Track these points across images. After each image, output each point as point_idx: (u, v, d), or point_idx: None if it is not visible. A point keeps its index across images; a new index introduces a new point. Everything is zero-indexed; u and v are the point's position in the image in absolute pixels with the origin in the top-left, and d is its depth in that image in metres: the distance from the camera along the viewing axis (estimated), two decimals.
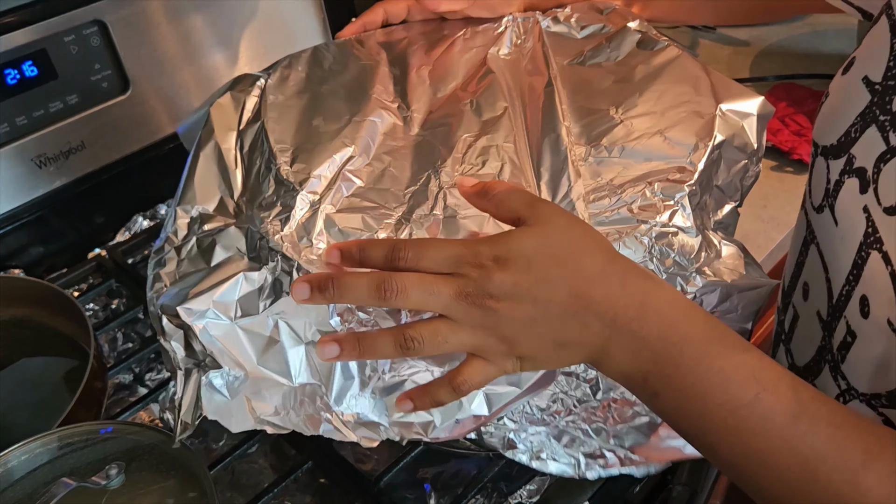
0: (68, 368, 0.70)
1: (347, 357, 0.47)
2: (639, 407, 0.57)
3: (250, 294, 0.52)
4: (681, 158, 0.58)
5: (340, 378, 0.51)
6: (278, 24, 0.98)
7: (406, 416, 0.52)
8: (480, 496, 0.63)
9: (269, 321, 0.52)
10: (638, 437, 0.57)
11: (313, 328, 0.51)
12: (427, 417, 0.52)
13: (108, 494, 0.54)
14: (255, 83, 0.67)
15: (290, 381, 0.52)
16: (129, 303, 0.82)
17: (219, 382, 0.52)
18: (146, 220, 0.91)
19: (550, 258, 0.45)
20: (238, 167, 0.61)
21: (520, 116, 0.64)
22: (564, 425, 0.57)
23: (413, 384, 0.52)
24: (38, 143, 0.83)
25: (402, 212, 0.55)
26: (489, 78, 0.68)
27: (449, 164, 0.59)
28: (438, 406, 0.49)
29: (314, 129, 0.62)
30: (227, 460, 0.65)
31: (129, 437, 0.57)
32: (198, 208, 0.59)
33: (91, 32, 0.83)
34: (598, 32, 0.74)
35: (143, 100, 0.89)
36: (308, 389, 0.52)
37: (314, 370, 0.52)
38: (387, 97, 0.66)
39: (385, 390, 0.52)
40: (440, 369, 0.52)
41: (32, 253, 0.87)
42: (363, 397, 0.52)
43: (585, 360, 0.47)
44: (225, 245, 0.56)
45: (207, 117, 0.64)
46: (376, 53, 0.73)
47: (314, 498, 0.64)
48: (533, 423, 0.57)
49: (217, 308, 0.52)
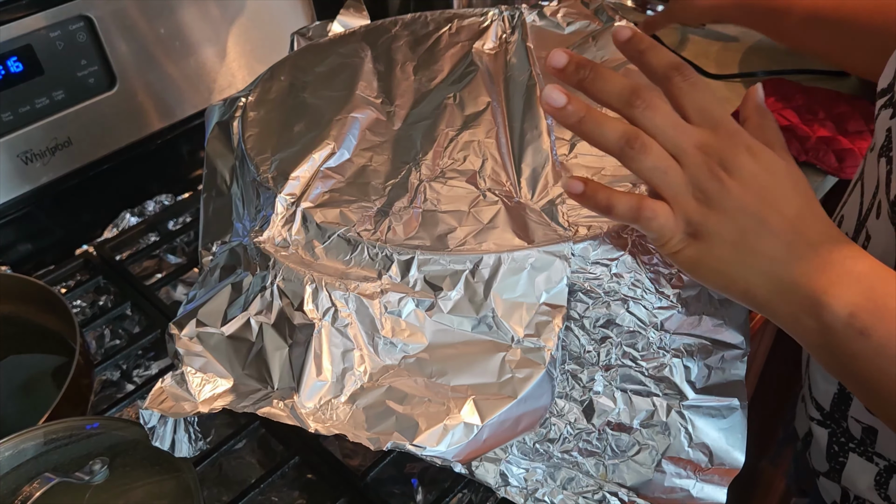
0: (55, 365, 0.70)
1: (585, 201, 0.47)
2: (638, 435, 0.55)
3: (236, 302, 0.53)
4: None
5: (313, 377, 0.50)
6: (266, 19, 0.98)
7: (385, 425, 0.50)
8: (467, 490, 0.63)
9: (253, 324, 0.52)
10: (640, 474, 0.55)
11: (294, 327, 0.51)
12: (409, 423, 0.49)
13: (92, 490, 0.54)
14: (236, 104, 0.67)
15: (269, 388, 0.52)
16: (116, 299, 0.81)
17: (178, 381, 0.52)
18: (134, 217, 0.91)
19: (793, 183, 0.46)
20: (240, 192, 0.62)
21: (502, 112, 0.64)
22: (560, 457, 0.55)
23: (392, 393, 0.50)
24: (24, 140, 0.82)
25: (381, 204, 0.55)
26: (473, 72, 0.68)
27: (430, 158, 0.59)
28: (604, 212, 0.47)
29: (295, 135, 0.62)
30: (214, 456, 0.65)
31: (114, 433, 0.57)
32: (217, 243, 0.62)
33: (77, 28, 0.82)
34: (584, 29, 0.74)
35: (130, 96, 0.89)
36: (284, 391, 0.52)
37: (291, 370, 0.51)
38: (370, 93, 0.66)
39: (364, 399, 0.50)
40: (423, 378, 0.51)
41: (19, 249, 0.87)
42: (339, 405, 0.50)
43: (762, 291, 0.47)
44: (226, 266, 0.57)
45: (206, 158, 0.66)
46: (361, 50, 0.73)
47: (301, 493, 0.64)
48: (526, 455, 0.55)
49: (205, 319, 0.52)
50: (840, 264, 0.45)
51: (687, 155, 0.45)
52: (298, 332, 0.50)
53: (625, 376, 0.54)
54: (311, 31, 0.77)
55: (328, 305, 0.50)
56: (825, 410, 0.68)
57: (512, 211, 0.54)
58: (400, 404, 0.49)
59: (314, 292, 0.51)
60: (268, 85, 0.69)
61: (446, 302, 0.51)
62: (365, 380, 0.50)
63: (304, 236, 0.54)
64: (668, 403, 0.54)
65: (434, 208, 0.55)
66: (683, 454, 0.54)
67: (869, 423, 0.64)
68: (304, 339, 0.50)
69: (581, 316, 0.53)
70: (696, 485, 0.54)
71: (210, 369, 0.51)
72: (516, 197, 0.56)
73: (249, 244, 0.54)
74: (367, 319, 0.51)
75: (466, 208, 0.55)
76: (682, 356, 0.54)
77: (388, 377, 0.50)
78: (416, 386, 0.50)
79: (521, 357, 0.50)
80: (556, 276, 0.51)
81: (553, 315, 0.51)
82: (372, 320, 0.51)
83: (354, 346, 0.50)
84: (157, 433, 0.51)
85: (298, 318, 0.50)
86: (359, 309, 0.51)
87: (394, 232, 0.53)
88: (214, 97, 0.96)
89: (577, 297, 0.52)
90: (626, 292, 0.52)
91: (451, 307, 0.51)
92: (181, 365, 0.51)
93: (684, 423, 0.54)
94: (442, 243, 0.52)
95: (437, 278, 0.51)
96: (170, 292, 0.82)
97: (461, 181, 0.58)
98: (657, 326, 0.53)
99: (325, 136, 0.61)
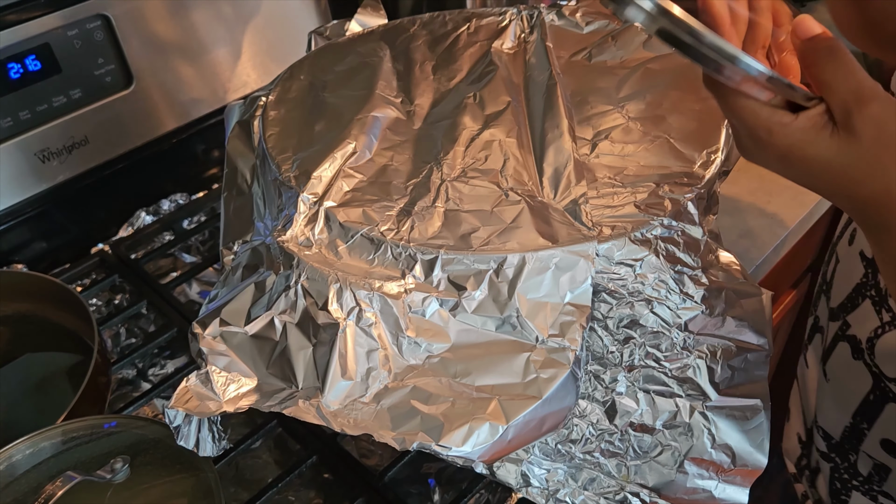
0: (72, 363, 0.70)
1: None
2: (660, 436, 0.54)
3: (259, 302, 0.53)
4: (687, 164, 0.58)
5: (338, 377, 0.50)
6: (281, 19, 0.98)
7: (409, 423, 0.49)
8: (485, 491, 0.63)
9: (277, 324, 0.52)
10: (663, 474, 0.54)
11: (319, 326, 0.51)
12: (435, 423, 0.49)
13: (114, 488, 0.54)
14: (256, 103, 0.67)
15: (294, 388, 0.51)
16: (131, 298, 0.81)
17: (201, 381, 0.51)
18: (149, 216, 0.91)
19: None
20: (260, 191, 0.62)
21: (522, 111, 0.63)
22: (581, 458, 0.54)
23: (417, 393, 0.50)
24: (41, 138, 0.82)
25: (403, 203, 0.55)
26: (492, 72, 0.68)
27: (451, 157, 0.59)
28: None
29: (316, 135, 0.62)
30: (232, 455, 0.65)
31: (133, 431, 0.57)
32: (238, 242, 0.62)
33: (95, 27, 0.82)
34: (603, 28, 0.74)
35: (147, 95, 0.89)
36: (308, 390, 0.51)
37: (316, 370, 0.51)
38: (390, 92, 0.66)
39: (388, 399, 0.50)
40: (447, 378, 0.51)
41: (35, 248, 0.87)
42: (363, 405, 0.50)
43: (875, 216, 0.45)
44: (248, 265, 0.57)
45: (227, 156, 0.66)
46: (380, 50, 0.73)
47: (318, 493, 0.64)
48: (548, 455, 0.54)
49: (228, 318, 0.52)
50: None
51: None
52: (323, 332, 0.50)
53: (648, 377, 0.54)
54: (328, 30, 0.77)
55: (353, 305, 0.50)
56: (833, 441, 0.67)
57: (535, 211, 0.54)
58: (425, 404, 0.49)
59: (338, 292, 0.50)
60: (288, 84, 0.69)
61: (470, 302, 0.51)
62: (389, 380, 0.50)
63: (327, 236, 0.54)
64: (691, 404, 0.54)
65: (457, 208, 0.55)
66: (706, 455, 0.54)
67: (882, 460, 0.62)
68: (328, 338, 0.50)
69: (605, 316, 0.52)
70: (719, 486, 0.54)
71: (234, 368, 0.51)
72: (539, 196, 0.56)
73: (273, 243, 0.54)
74: (391, 319, 0.50)
75: (489, 208, 0.55)
76: (705, 357, 0.54)
77: (413, 377, 0.50)
78: (441, 386, 0.50)
79: (545, 357, 0.50)
80: (580, 276, 0.51)
81: (577, 315, 0.50)
82: (396, 320, 0.50)
83: (379, 346, 0.50)
84: (182, 432, 0.51)
85: (323, 318, 0.50)
86: (383, 309, 0.50)
87: (417, 231, 0.53)
88: (230, 97, 0.96)
89: (601, 298, 0.52)
90: (650, 293, 0.52)
91: (476, 307, 0.51)
92: (205, 364, 0.51)
93: (707, 425, 0.54)
94: (465, 243, 0.52)
95: (461, 278, 0.51)
96: (185, 291, 0.82)
97: (483, 180, 0.57)
98: (681, 327, 0.53)
99: (346, 136, 0.61)
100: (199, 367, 0.51)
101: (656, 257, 0.52)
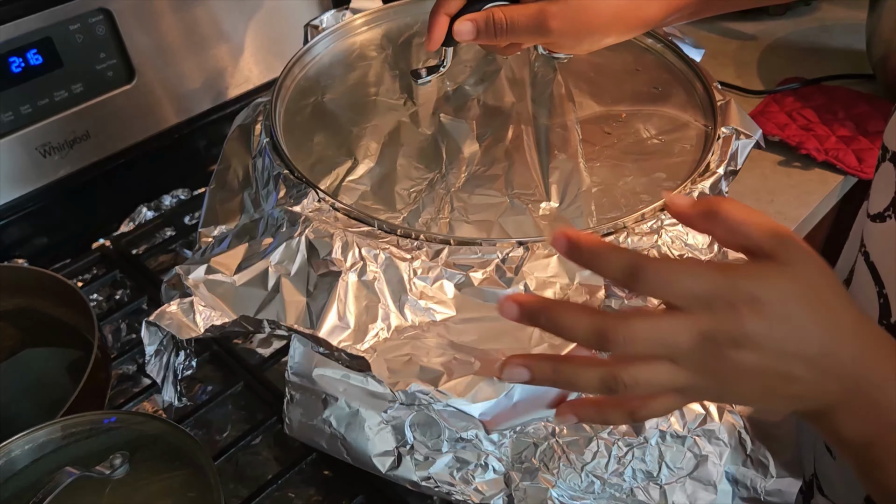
0: (72, 359, 0.70)
1: (539, 382, 0.42)
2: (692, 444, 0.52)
3: (252, 256, 0.51)
4: (692, 171, 0.58)
5: (334, 318, 0.48)
6: (283, 14, 0.97)
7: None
8: None
9: (272, 275, 0.50)
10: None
11: (315, 277, 0.49)
12: (436, 371, 0.46)
13: (112, 484, 0.53)
14: (259, 107, 0.66)
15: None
16: (132, 294, 0.81)
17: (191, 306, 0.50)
18: (150, 211, 0.91)
19: (808, 308, 0.39)
20: (256, 186, 0.62)
21: (527, 114, 0.63)
22: (611, 484, 0.51)
23: (417, 346, 0.48)
24: (42, 133, 0.82)
25: (407, 213, 0.55)
26: (496, 72, 0.67)
27: (455, 165, 0.58)
28: (605, 424, 0.45)
29: (316, 145, 0.61)
30: (231, 451, 0.65)
31: (133, 427, 0.57)
32: (220, 228, 0.60)
33: (97, 21, 0.82)
34: None
35: (149, 90, 0.89)
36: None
37: (310, 314, 0.49)
38: (392, 95, 0.66)
39: (386, 350, 0.48)
40: (450, 338, 0.49)
41: (36, 243, 0.87)
42: (358, 351, 0.47)
43: (800, 414, 0.44)
44: (239, 236, 0.56)
45: (222, 155, 0.65)
46: (381, 50, 0.72)
47: (318, 490, 0.64)
48: (574, 489, 0.51)
49: (217, 265, 0.50)
50: (865, 395, 0.41)
51: (682, 357, 0.39)
52: (321, 282, 0.48)
53: None
54: (323, 21, 0.76)
55: (357, 259, 0.49)
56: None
57: (539, 221, 0.54)
58: (425, 356, 0.47)
59: (344, 246, 0.49)
60: (288, 86, 0.68)
61: (477, 276, 0.50)
62: (387, 334, 0.48)
63: (333, 216, 0.53)
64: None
65: (462, 218, 0.54)
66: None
67: None
68: (326, 287, 0.48)
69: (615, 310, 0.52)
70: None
71: (218, 309, 0.49)
72: (544, 202, 0.56)
73: (274, 211, 0.53)
74: (395, 279, 0.49)
75: (494, 218, 0.54)
76: None
77: (412, 335, 0.48)
78: (443, 343, 0.48)
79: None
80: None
81: (591, 293, 0.49)
82: (400, 280, 0.49)
83: (380, 302, 0.48)
84: (153, 362, 0.50)
85: (322, 268, 0.49)
86: (388, 268, 0.49)
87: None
88: (231, 92, 0.96)
89: (611, 292, 0.51)
90: None
91: (482, 281, 0.49)
92: (191, 294, 0.49)
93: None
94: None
95: (469, 263, 0.50)
96: None
97: (489, 188, 0.57)
98: None
99: (347, 146, 0.60)
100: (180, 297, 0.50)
101: (658, 252, 0.52)
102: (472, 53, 0.71)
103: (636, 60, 0.69)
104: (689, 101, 0.64)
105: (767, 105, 0.97)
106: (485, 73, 0.68)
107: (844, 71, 1.02)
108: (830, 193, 0.87)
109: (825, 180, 0.89)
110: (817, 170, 0.90)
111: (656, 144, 0.59)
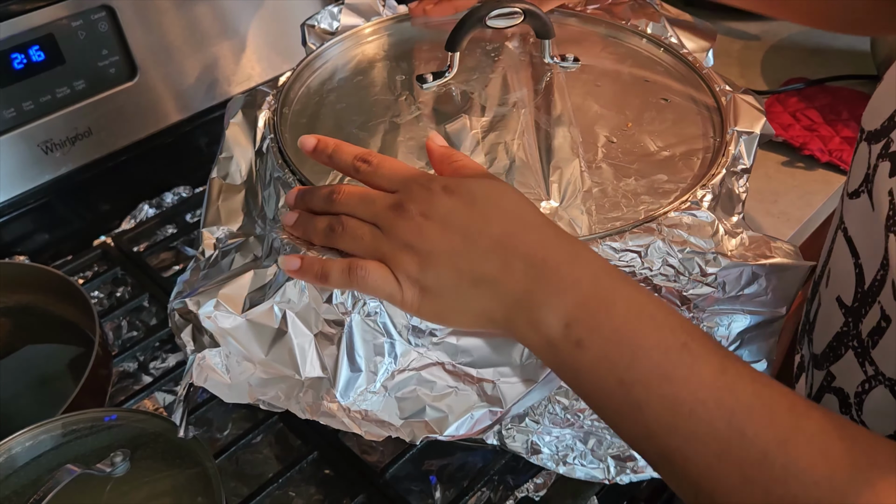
0: (73, 356, 0.70)
1: (303, 275, 0.48)
2: None
3: (260, 289, 0.52)
4: (694, 173, 0.58)
5: (347, 370, 0.50)
6: (286, 12, 0.97)
7: (416, 415, 0.51)
8: (486, 489, 0.62)
9: (277, 312, 0.51)
10: None
11: (321, 319, 0.51)
12: (440, 414, 0.50)
13: (113, 482, 0.53)
14: (264, 99, 0.65)
15: (297, 374, 0.51)
16: (133, 291, 0.81)
17: (216, 361, 0.51)
18: (152, 208, 0.91)
19: (495, 203, 0.46)
20: (258, 185, 0.61)
21: (529, 111, 0.63)
22: (589, 425, 0.55)
23: (422, 381, 0.51)
24: (44, 129, 0.82)
25: None
26: (499, 71, 0.67)
27: None
28: (322, 282, 0.48)
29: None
30: (232, 450, 0.64)
31: (134, 424, 0.57)
32: (223, 229, 0.61)
33: (99, 17, 0.82)
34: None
35: (151, 87, 0.88)
36: (314, 381, 0.51)
37: (322, 362, 0.51)
38: (394, 94, 0.66)
39: (396, 387, 0.51)
40: (450, 361, 0.51)
41: (37, 239, 0.87)
42: (372, 394, 0.51)
43: (498, 314, 0.45)
44: (243, 253, 0.57)
45: (224, 141, 0.65)
46: (382, 48, 0.72)
47: (319, 489, 0.64)
48: (557, 424, 0.55)
49: (225, 301, 0.51)
50: (554, 272, 0.44)
51: (381, 218, 0.47)
52: (326, 326, 0.50)
53: None
54: (319, 18, 0.75)
55: (357, 297, 0.50)
56: None
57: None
58: (430, 392, 0.50)
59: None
60: (293, 84, 0.67)
61: None
62: (395, 367, 0.51)
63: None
64: None
65: None
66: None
67: None
68: (334, 333, 0.50)
69: None
70: None
71: (235, 351, 0.51)
72: (544, 200, 0.55)
73: (277, 238, 0.53)
74: (394, 308, 0.50)
75: None
76: (715, 328, 0.55)
77: (417, 362, 0.51)
78: (444, 375, 0.51)
79: None
80: None
81: None
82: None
83: (385, 336, 0.50)
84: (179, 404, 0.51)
85: (325, 311, 0.50)
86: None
87: None
88: (233, 89, 0.95)
89: None
90: (659, 280, 0.52)
91: None
92: (216, 345, 0.51)
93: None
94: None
95: None
96: None
97: None
98: (689, 307, 0.53)
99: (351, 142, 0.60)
100: (202, 347, 0.51)
101: (662, 241, 0.51)
102: (473, 54, 0.70)
103: (645, 70, 0.69)
104: (698, 112, 0.64)
105: (771, 105, 0.97)
106: (486, 74, 0.67)
107: (849, 71, 1.02)
108: (834, 194, 0.87)
109: (829, 181, 0.88)
110: (821, 170, 0.90)
111: (661, 152, 0.59)
